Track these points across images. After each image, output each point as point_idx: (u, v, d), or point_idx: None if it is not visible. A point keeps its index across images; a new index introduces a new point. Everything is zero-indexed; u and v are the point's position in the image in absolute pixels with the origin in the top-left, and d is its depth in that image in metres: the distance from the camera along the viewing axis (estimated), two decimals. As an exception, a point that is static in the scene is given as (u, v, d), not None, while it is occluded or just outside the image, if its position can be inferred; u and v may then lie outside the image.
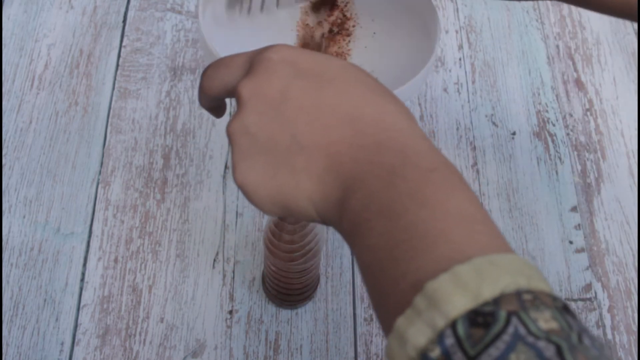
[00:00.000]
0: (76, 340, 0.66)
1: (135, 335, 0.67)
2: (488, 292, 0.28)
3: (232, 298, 0.69)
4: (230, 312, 0.68)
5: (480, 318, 0.28)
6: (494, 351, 0.27)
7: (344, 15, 0.60)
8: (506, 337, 0.27)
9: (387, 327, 0.31)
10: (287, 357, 0.67)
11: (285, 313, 0.69)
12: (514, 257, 0.30)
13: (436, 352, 0.28)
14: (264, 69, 0.37)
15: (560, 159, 0.81)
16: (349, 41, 0.59)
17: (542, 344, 0.27)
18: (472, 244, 0.31)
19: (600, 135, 0.84)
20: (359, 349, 0.67)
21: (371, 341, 0.68)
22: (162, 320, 0.68)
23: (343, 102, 0.36)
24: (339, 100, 0.36)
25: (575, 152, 0.82)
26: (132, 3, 0.89)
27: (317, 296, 0.70)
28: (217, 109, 0.44)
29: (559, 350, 0.26)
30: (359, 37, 0.59)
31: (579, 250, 0.75)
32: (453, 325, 0.28)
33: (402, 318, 0.29)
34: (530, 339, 0.27)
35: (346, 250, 0.73)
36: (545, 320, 0.27)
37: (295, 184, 0.36)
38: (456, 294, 0.28)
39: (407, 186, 0.33)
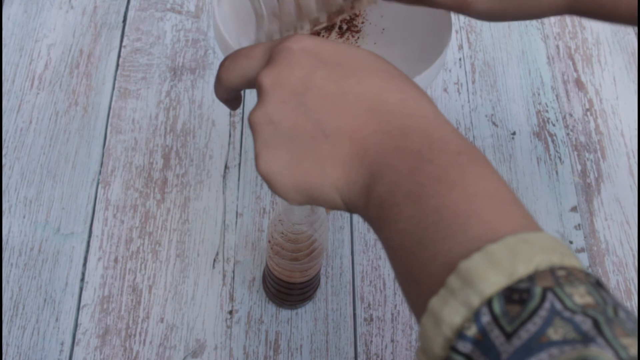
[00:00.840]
0: (76, 340, 0.66)
1: (135, 335, 0.67)
2: (522, 270, 0.28)
3: (232, 298, 0.69)
4: (230, 312, 0.68)
5: (516, 295, 0.28)
6: (531, 326, 0.27)
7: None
8: (543, 313, 0.27)
9: (419, 310, 0.31)
10: (287, 357, 0.67)
11: (285, 313, 0.69)
12: (545, 235, 0.30)
13: (472, 330, 0.28)
14: (284, 58, 0.37)
15: (560, 159, 0.81)
16: (358, 37, 0.59)
17: (579, 318, 0.27)
18: (503, 224, 0.31)
19: (600, 135, 0.84)
20: (359, 349, 0.67)
21: (371, 341, 0.68)
22: (162, 320, 0.68)
23: (367, 89, 0.36)
24: (363, 88, 0.36)
25: (575, 152, 0.82)
26: (132, 3, 0.89)
27: (317, 296, 0.70)
28: (233, 101, 0.44)
29: (596, 324, 0.26)
30: (367, 34, 0.59)
31: (579, 251, 0.75)
32: (489, 303, 0.28)
33: (436, 298, 0.30)
34: (567, 314, 0.27)
35: (346, 251, 0.73)
36: (580, 295, 0.28)
37: (320, 171, 0.36)
38: (490, 272, 0.28)
39: (435, 169, 0.33)
